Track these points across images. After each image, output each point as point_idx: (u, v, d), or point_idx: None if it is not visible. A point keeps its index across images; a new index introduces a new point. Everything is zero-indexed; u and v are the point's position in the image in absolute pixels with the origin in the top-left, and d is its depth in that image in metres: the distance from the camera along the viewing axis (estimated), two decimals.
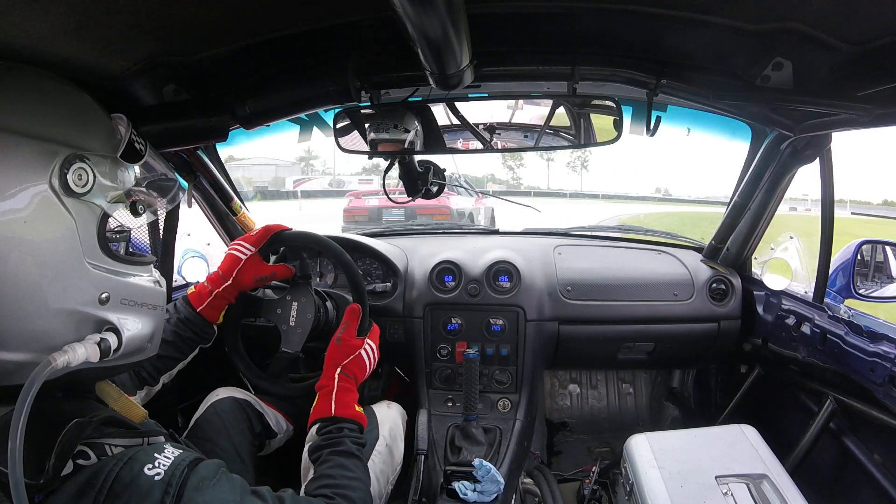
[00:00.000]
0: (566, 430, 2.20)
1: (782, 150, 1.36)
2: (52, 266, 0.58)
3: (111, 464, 0.58)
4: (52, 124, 0.60)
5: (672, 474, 1.19)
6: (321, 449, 0.94)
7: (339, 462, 0.91)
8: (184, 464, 0.62)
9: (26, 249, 0.55)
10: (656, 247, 1.90)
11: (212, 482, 0.64)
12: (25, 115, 0.58)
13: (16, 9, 0.64)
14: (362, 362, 1.09)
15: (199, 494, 0.61)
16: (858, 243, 1.49)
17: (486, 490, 1.16)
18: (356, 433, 0.99)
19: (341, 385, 1.03)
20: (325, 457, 0.92)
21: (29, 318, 0.57)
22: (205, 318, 1.13)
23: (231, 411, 1.22)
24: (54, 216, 0.58)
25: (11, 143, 0.55)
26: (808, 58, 0.95)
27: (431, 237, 2.07)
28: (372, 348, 1.13)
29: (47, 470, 0.55)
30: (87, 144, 0.63)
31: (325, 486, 0.86)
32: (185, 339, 1.11)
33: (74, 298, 0.60)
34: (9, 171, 0.55)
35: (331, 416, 0.99)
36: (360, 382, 1.10)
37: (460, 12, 0.66)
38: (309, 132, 1.67)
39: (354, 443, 0.96)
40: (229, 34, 0.95)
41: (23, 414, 0.51)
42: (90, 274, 0.62)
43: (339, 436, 0.96)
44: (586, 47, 1.06)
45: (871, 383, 1.18)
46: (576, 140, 1.29)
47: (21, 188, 0.55)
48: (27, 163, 0.56)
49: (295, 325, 1.26)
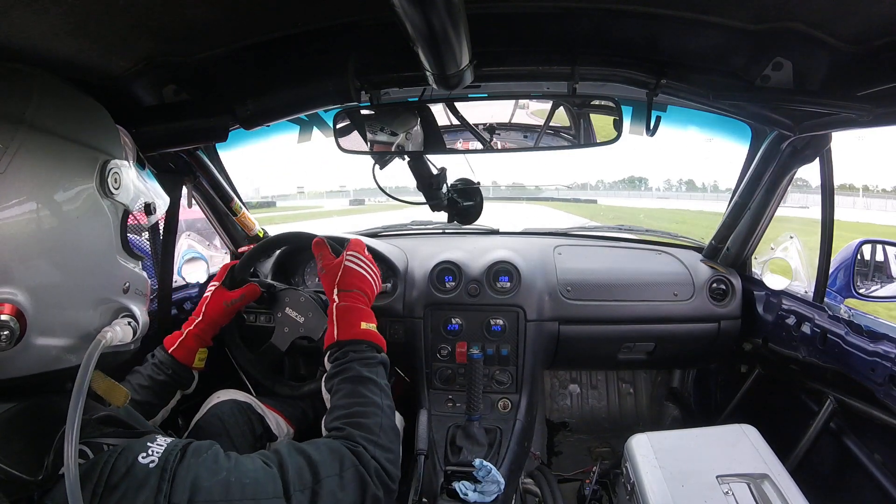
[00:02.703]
0: (566, 431, 2.20)
1: (782, 150, 1.36)
2: (95, 258, 0.65)
3: (105, 456, 0.58)
4: (89, 131, 0.67)
5: (673, 474, 1.19)
6: (332, 378, 0.93)
7: (349, 390, 0.89)
8: (177, 449, 0.62)
9: (77, 243, 0.62)
10: (656, 247, 1.90)
11: (202, 457, 0.64)
12: (70, 123, 0.64)
13: (15, 9, 0.64)
14: (353, 271, 1.06)
15: (190, 471, 0.61)
16: (858, 243, 1.49)
17: (487, 490, 1.16)
18: (364, 353, 0.95)
19: (341, 305, 1.01)
20: (336, 386, 0.91)
21: (73, 306, 0.63)
22: (177, 359, 1.13)
23: (232, 414, 1.22)
24: (99, 214, 0.65)
25: (66, 148, 0.62)
26: (808, 58, 0.95)
27: (431, 237, 2.06)
28: (356, 256, 1.09)
29: (46, 467, 0.55)
30: (113, 151, 0.69)
31: (337, 418, 0.84)
32: (161, 384, 1.11)
33: (108, 288, 0.68)
34: (66, 173, 0.62)
35: (335, 342, 0.97)
36: (368, 293, 1.06)
37: (460, 12, 0.66)
38: (309, 133, 1.68)
39: (363, 364, 0.93)
40: (229, 34, 0.95)
41: (84, 386, 0.58)
42: (119, 266, 0.69)
43: (346, 361, 0.93)
44: (586, 47, 1.06)
45: (871, 383, 1.18)
46: (576, 140, 1.29)
47: (75, 188, 0.62)
48: (79, 166, 0.63)
49: (284, 326, 1.37)
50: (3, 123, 0.56)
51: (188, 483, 0.59)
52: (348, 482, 0.73)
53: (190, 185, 1.52)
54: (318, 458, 0.73)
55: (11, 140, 0.56)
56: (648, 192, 46.50)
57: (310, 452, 0.73)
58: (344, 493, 0.72)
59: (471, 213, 1.42)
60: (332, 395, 0.91)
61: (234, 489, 0.62)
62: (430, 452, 1.36)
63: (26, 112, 0.59)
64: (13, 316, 0.56)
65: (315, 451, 0.74)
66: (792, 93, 1.01)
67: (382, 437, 0.83)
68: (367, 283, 1.08)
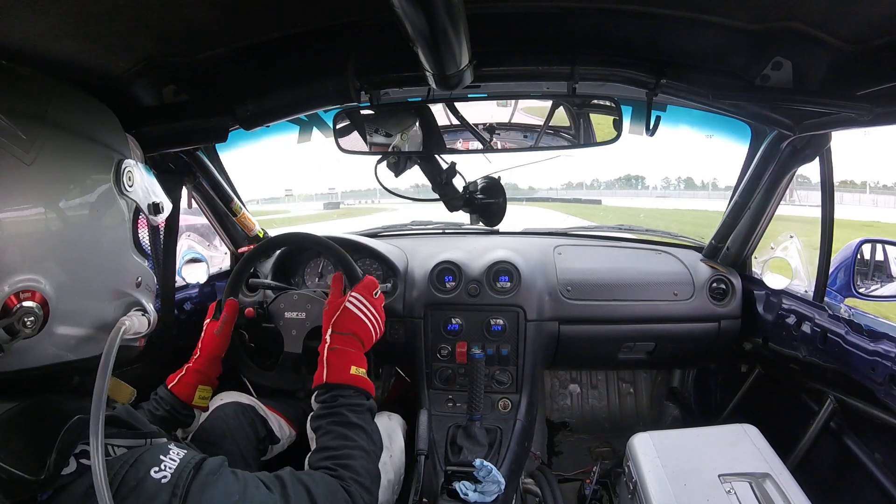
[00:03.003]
0: (567, 430, 2.20)
1: (782, 150, 1.36)
2: (112, 251, 0.68)
3: (117, 466, 0.58)
4: (104, 132, 0.69)
5: (676, 473, 1.20)
6: (320, 419, 0.93)
7: (338, 433, 0.90)
8: (190, 465, 0.63)
9: (97, 236, 0.65)
10: (656, 246, 1.90)
11: (215, 477, 0.65)
12: (87, 123, 0.67)
13: (15, 10, 0.64)
14: (352, 315, 1.06)
15: (203, 492, 0.61)
16: (859, 242, 1.49)
17: (487, 490, 1.16)
18: (352, 399, 0.95)
19: (333, 347, 1.01)
20: (325, 427, 0.92)
21: (93, 297, 0.66)
22: (176, 395, 1.12)
23: (236, 416, 1.22)
24: (116, 209, 0.68)
25: (85, 145, 0.65)
26: (808, 57, 0.95)
27: (431, 237, 2.06)
28: (358, 299, 1.08)
29: (48, 466, 0.55)
30: (125, 151, 0.71)
31: (326, 458, 0.86)
32: (161, 420, 1.10)
33: (123, 281, 0.70)
34: (86, 169, 0.64)
35: (323, 384, 0.97)
36: (363, 338, 1.06)
37: (459, 12, 0.66)
38: (309, 133, 1.68)
39: (351, 410, 0.93)
40: (229, 34, 0.95)
41: (108, 370, 0.60)
42: (133, 261, 0.72)
43: (335, 405, 0.94)
44: (586, 47, 1.06)
45: (871, 382, 1.18)
46: (575, 140, 1.29)
47: (95, 184, 0.65)
48: (98, 163, 0.66)
49: (290, 328, 1.35)
50: (26, 120, 0.59)
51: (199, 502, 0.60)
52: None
53: (190, 186, 1.53)
54: (316, 493, 0.75)
55: (38, 134, 0.58)
56: (646, 190, 46.35)
57: (310, 486, 0.76)
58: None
59: (492, 211, 1.34)
60: (318, 435, 0.92)
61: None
62: (431, 452, 1.36)
63: (48, 110, 0.61)
64: (38, 303, 0.58)
65: (314, 484, 0.76)
66: (791, 92, 1.01)
67: (367, 480, 0.86)
68: (365, 328, 1.07)
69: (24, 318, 0.57)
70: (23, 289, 0.57)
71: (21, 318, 0.56)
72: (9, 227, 0.56)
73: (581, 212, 19.87)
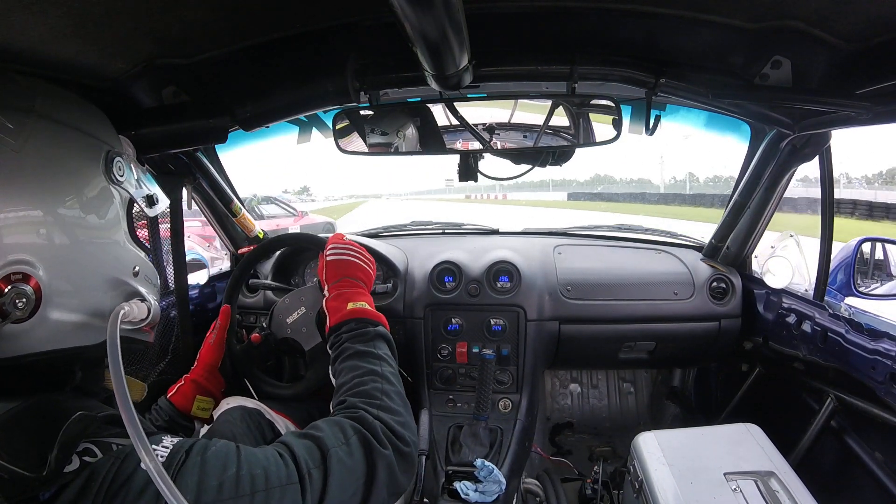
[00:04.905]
0: (567, 430, 2.20)
1: (781, 149, 1.36)
2: (106, 237, 0.69)
3: (109, 461, 0.58)
4: (92, 125, 0.70)
5: (681, 471, 1.20)
6: (333, 363, 0.93)
7: (348, 366, 0.89)
8: (182, 450, 0.61)
9: (89, 221, 0.66)
10: (656, 246, 1.90)
11: (209, 453, 0.63)
12: (75, 116, 0.68)
13: (15, 11, 0.64)
14: (334, 262, 1.06)
15: (196, 470, 0.60)
16: (859, 241, 1.49)
17: (488, 490, 1.16)
18: (355, 330, 0.95)
19: (330, 297, 1.01)
20: (337, 368, 0.91)
21: (87, 283, 0.66)
22: (174, 405, 1.12)
23: (242, 421, 1.21)
24: (108, 199, 0.69)
25: (73, 135, 0.66)
26: (807, 56, 0.95)
27: (431, 237, 2.06)
28: (335, 247, 1.08)
29: (49, 462, 0.54)
30: (115, 145, 0.73)
31: (340, 394, 0.85)
32: (162, 430, 1.09)
33: (119, 268, 0.71)
34: (75, 157, 0.66)
35: (329, 329, 0.97)
36: (357, 275, 1.06)
37: (459, 13, 0.66)
38: (308, 133, 1.67)
39: (357, 340, 0.93)
40: (228, 35, 0.95)
41: (117, 353, 0.61)
42: (128, 249, 0.72)
43: (340, 343, 0.94)
44: (585, 47, 1.06)
45: (872, 381, 1.18)
46: (575, 140, 1.29)
47: (85, 170, 0.66)
48: (87, 152, 0.67)
49: (300, 327, 1.31)
50: (14, 112, 0.60)
51: (193, 485, 0.58)
52: (355, 448, 0.73)
53: (189, 187, 1.53)
54: (321, 435, 0.73)
55: (24, 124, 0.60)
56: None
57: (313, 432, 0.74)
58: (352, 459, 0.72)
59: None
60: (336, 379, 0.91)
61: (244, 483, 0.61)
62: (431, 452, 1.36)
63: (34, 105, 0.62)
64: (29, 285, 0.59)
65: (317, 430, 0.75)
66: (791, 91, 1.01)
67: (385, 400, 0.82)
68: (351, 266, 1.06)
69: (15, 300, 0.57)
70: (13, 271, 0.58)
71: (12, 300, 0.57)
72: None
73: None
